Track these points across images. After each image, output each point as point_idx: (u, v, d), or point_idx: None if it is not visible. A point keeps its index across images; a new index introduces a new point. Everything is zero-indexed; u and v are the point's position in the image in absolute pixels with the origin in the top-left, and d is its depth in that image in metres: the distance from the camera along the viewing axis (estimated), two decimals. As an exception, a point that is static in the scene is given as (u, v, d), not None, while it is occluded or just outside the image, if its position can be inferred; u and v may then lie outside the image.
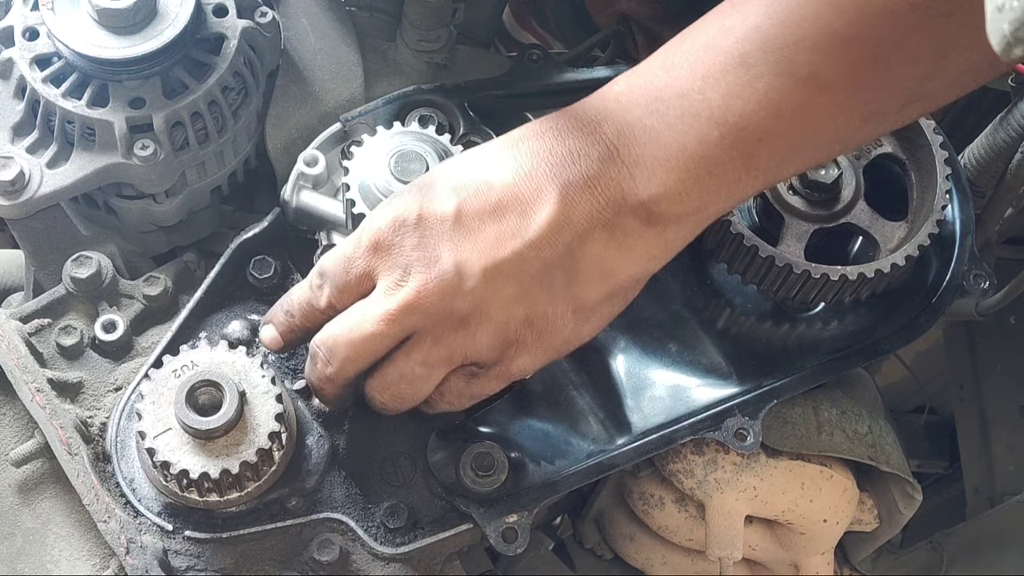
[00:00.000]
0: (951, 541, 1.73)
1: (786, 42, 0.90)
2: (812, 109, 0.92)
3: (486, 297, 0.99)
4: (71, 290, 1.18)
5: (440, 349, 1.02)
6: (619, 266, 1.00)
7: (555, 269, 0.98)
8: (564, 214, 0.97)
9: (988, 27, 0.65)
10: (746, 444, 1.18)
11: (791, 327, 1.26)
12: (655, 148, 0.95)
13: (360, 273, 1.02)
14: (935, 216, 1.20)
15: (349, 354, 1.03)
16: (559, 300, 1.00)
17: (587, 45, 1.50)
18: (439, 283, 0.98)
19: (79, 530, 1.10)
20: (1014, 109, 1.34)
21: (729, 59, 0.92)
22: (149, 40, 1.15)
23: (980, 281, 1.27)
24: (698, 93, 0.93)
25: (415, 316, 1.00)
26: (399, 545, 1.11)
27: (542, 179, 0.97)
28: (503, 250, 0.97)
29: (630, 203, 0.96)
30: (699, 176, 0.95)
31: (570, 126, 0.98)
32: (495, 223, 0.97)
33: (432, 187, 1.01)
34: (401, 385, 1.05)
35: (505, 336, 1.01)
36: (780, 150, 0.96)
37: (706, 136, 0.93)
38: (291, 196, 1.23)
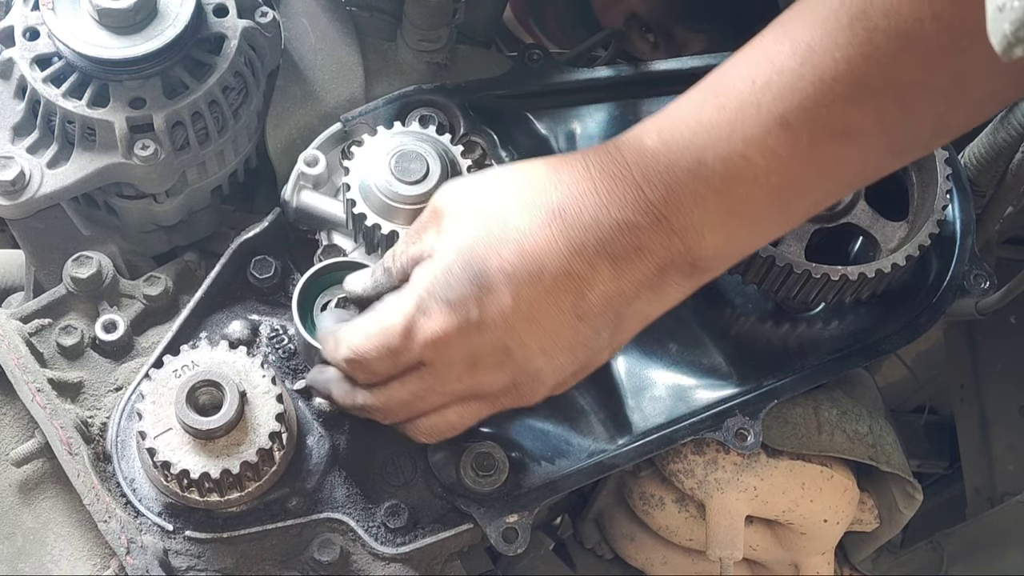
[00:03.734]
0: (951, 541, 1.73)
1: (824, 100, 0.89)
2: (847, 158, 0.94)
3: (544, 370, 1.02)
4: (71, 290, 1.18)
5: (494, 409, 1.07)
6: (656, 312, 1.04)
7: (603, 329, 1.01)
8: (616, 287, 0.99)
9: (989, 27, 0.65)
10: (746, 444, 1.18)
11: (791, 327, 1.26)
12: (702, 214, 0.96)
13: (410, 362, 1.03)
14: (935, 216, 1.20)
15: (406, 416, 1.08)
16: (603, 351, 1.04)
17: (587, 45, 1.50)
18: (503, 371, 1.02)
19: (79, 530, 1.10)
20: (1015, 108, 1.33)
21: (769, 119, 0.91)
22: (149, 40, 1.15)
23: (980, 281, 1.27)
24: (741, 157, 0.93)
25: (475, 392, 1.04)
26: (400, 545, 1.11)
27: (592, 256, 0.97)
28: (562, 332, 1.00)
29: (677, 264, 0.99)
30: (742, 233, 0.99)
31: (611, 191, 0.97)
32: (552, 305, 0.99)
33: (485, 276, 0.98)
34: (446, 431, 1.09)
35: (554, 388, 1.06)
36: (816, 197, 0.99)
37: (750, 197, 0.95)
38: (291, 196, 1.23)
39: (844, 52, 0.88)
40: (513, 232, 0.98)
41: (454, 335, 0.99)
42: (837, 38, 0.88)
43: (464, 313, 0.98)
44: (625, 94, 1.36)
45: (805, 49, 0.90)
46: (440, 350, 1.00)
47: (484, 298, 0.98)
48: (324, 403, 1.13)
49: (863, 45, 0.87)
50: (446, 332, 0.99)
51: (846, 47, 0.88)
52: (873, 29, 0.86)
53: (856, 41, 0.87)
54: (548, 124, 1.34)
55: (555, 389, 1.06)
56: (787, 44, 0.91)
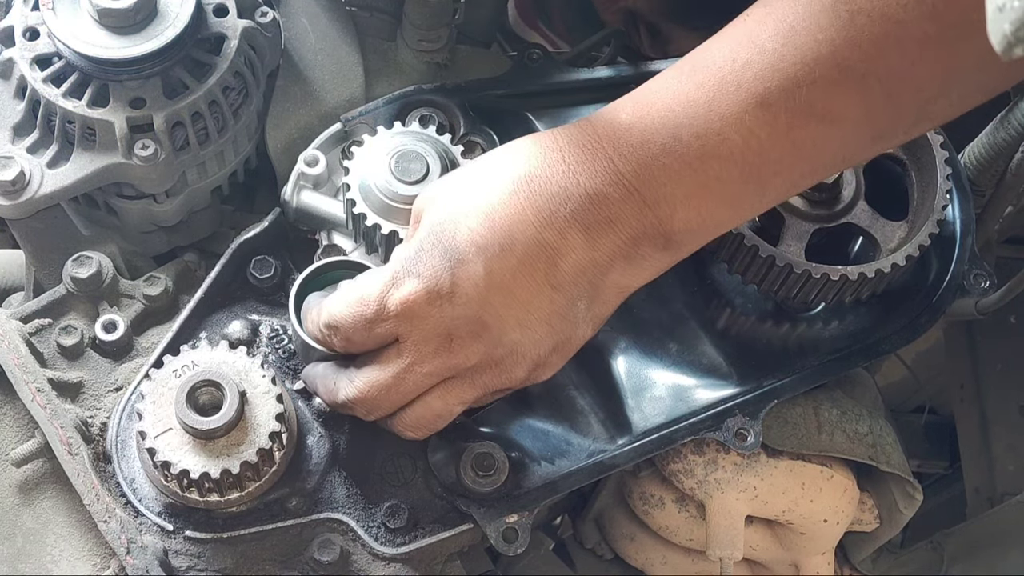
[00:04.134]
0: (951, 541, 1.73)
1: (805, 81, 0.89)
2: (826, 140, 0.93)
3: (521, 342, 1.02)
4: (71, 290, 1.18)
5: (475, 389, 1.05)
6: (633, 283, 1.03)
7: (579, 300, 1.01)
8: (588, 256, 0.98)
9: (988, 27, 0.65)
10: (746, 444, 1.18)
11: (791, 327, 1.26)
12: (675, 188, 0.96)
13: (385, 333, 1.03)
14: (935, 216, 1.20)
15: (389, 404, 1.07)
16: (581, 323, 1.04)
17: (587, 45, 1.50)
18: (480, 342, 1.01)
19: (79, 530, 1.10)
20: (1015, 108, 1.33)
21: (748, 98, 0.91)
22: (150, 40, 1.15)
23: (980, 281, 1.27)
24: (717, 135, 0.93)
25: (455, 371, 1.03)
26: (399, 545, 1.11)
27: (563, 225, 0.97)
28: (536, 302, 1.00)
29: (649, 236, 0.98)
30: (716, 208, 0.98)
31: (581, 160, 0.97)
32: (525, 276, 0.99)
33: (455, 248, 0.99)
34: (432, 420, 1.08)
35: (535, 365, 1.05)
36: (793, 178, 0.98)
37: (725, 175, 0.95)
38: (291, 196, 1.23)
39: (826, 34, 0.88)
40: (482, 205, 0.99)
41: (424, 304, 0.99)
42: (820, 20, 0.88)
43: (434, 283, 0.99)
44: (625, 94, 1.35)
45: (787, 30, 0.90)
46: (413, 321, 1.00)
47: (456, 270, 0.98)
48: (324, 403, 1.13)
49: (846, 28, 0.87)
50: (416, 301, 0.99)
51: (828, 29, 0.87)
52: (856, 12, 0.86)
53: (839, 23, 0.87)
54: (548, 124, 1.33)
55: (537, 366, 1.05)
56: (770, 24, 0.91)
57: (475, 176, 1.03)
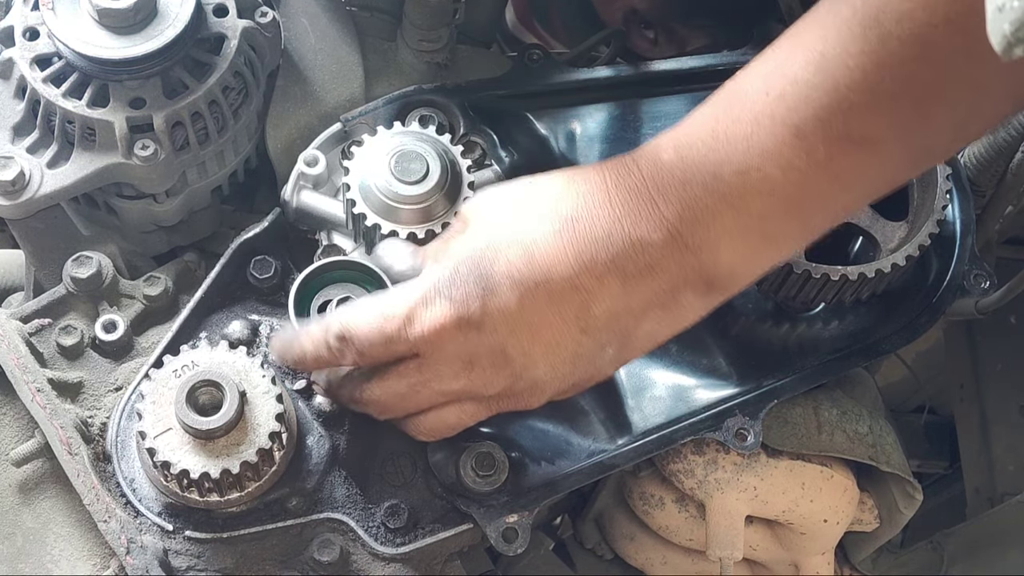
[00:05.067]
0: (951, 541, 1.73)
1: (839, 108, 0.88)
2: (865, 168, 0.92)
3: (543, 379, 1.02)
4: (71, 290, 1.18)
5: (490, 411, 1.06)
6: (667, 333, 1.02)
7: (608, 347, 1.01)
8: (624, 304, 0.98)
9: (988, 27, 0.65)
10: (746, 444, 1.18)
11: (791, 327, 1.26)
12: (718, 231, 0.94)
13: (402, 353, 1.02)
14: (935, 216, 1.20)
15: (403, 411, 1.07)
16: (607, 367, 1.04)
17: (587, 45, 1.50)
18: (501, 375, 1.01)
19: (79, 530, 1.10)
20: (1015, 109, 1.34)
21: (784, 131, 0.90)
22: (149, 40, 1.15)
23: (980, 281, 1.27)
24: (757, 171, 0.92)
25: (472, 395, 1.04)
26: (399, 545, 1.11)
27: (602, 270, 0.96)
28: (565, 343, 0.99)
29: (691, 283, 0.97)
30: (760, 248, 0.97)
31: (626, 204, 0.96)
32: (555, 315, 0.98)
33: (490, 278, 0.98)
34: (444, 432, 1.08)
35: (553, 397, 1.06)
36: (835, 210, 0.97)
37: (768, 212, 0.94)
38: (291, 196, 1.23)
39: (857, 60, 0.87)
40: (524, 238, 0.99)
41: (452, 329, 0.99)
42: (850, 46, 0.87)
43: (465, 309, 0.98)
44: (625, 94, 1.36)
45: (818, 58, 0.89)
46: (436, 343, 1.00)
47: (487, 299, 0.98)
48: (324, 403, 1.13)
49: (876, 52, 0.86)
50: (444, 325, 0.99)
51: (859, 55, 0.86)
52: (887, 36, 0.85)
53: (869, 48, 0.86)
54: (548, 124, 1.34)
55: (555, 397, 1.06)
56: (800, 54, 0.90)
57: (523, 205, 1.02)
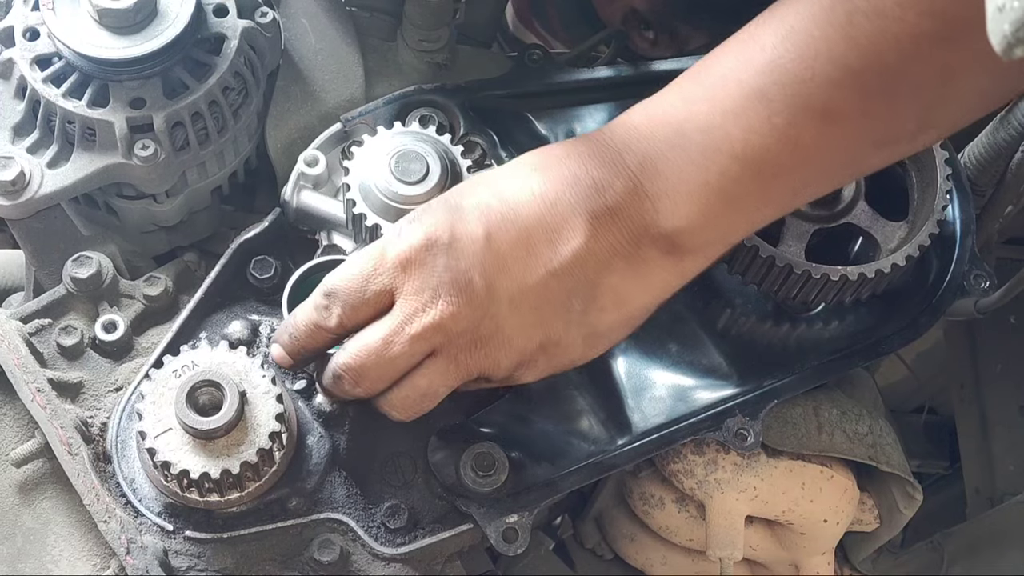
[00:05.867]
0: (951, 541, 1.73)
1: (803, 76, 0.91)
2: (827, 141, 0.94)
3: (510, 322, 1.01)
4: (71, 290, 1.18)
5: (459, 369, 1.04)
6: (635, 295, 1.03)
7: (574, 296, 1.01)
8: (589, 246, 0.99)
9: (988, 27, 0.65)
10: (746, 444, 1.18)
11: (791, 327, 1.26)
12: (677, 182, 0.97)
13: (380, 289, 1.03)
14: (935, 216, 1.20)
15: (378, 375, 1.05)
16: (573, 327, 1.03)
17: (587, 45, 1.50)
18: (469, 306, 1.00)
19: (80, 530, 1.10)
20: (1015, 108, 1.33)
21: (749, 93, 0.93)
22: (150, 40, 1.15)
23: (980, 281, 1.27)
24: (719, 128, 0.94)
25: (441, 336, 1.02)
26: (400, 545, 1.11)
27: (567, 209, 0.99)
28: (529, 279, 1.00)
29: (652, 235, 0.99)
30: (719, 209, 0.98)
31: (592, 153, 1.00)
32: (523, 251, 0.99)
33: (461, 209, 1.01)
34: (415, 399, 1.07)
35: (521, 358, 1.04)
36: (796, 182, 0.98)
37: (727, 171, 0.95)
38: (292, 196, 1.23)
39: (824, 32, 0.89)
40: (493, 181, 1.03)
41: (422, 251, 1.00)
42: (819, 19, 0.90)
43: (434, 231, 1.00)
44: (625, 94, 1.35)
45: (787, 30, 0.92)
46: (408, 270, 1.00)
47: (456, 224, 1.00)
48: (324, 403, 1.13)
49: (844, 27, 0.88)
50: (413, 247, 1.00)
51: (826, 27, 0.89)
52: (854, 11, 0.88)
53: (836, 22, 0.89)
54: (548, 124, 1.34)
55: (522, 363, 1.04)
56: (771, 25, 0.94)
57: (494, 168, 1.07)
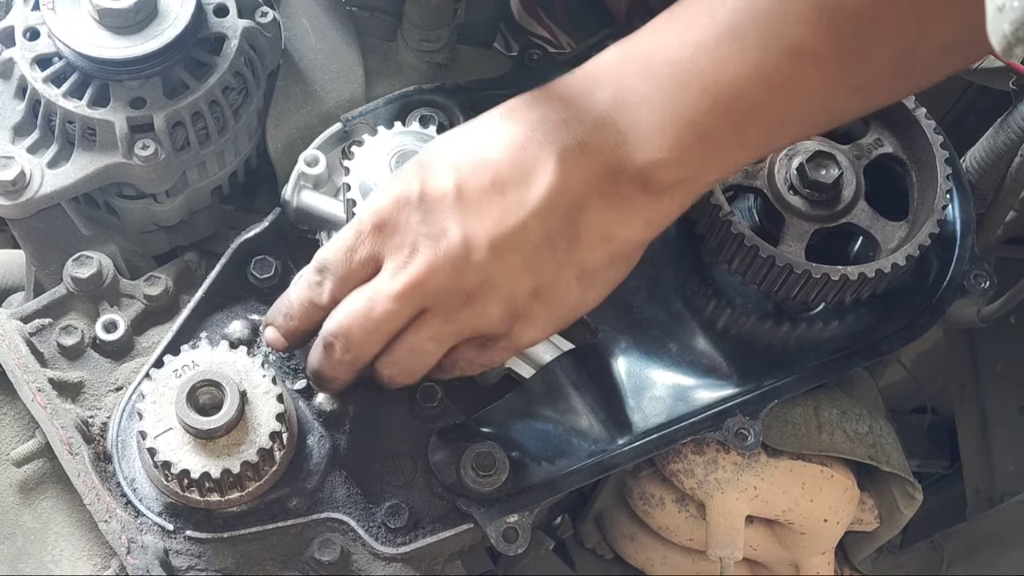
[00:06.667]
0: (951, 541, 1.73)
1: (774, 12, 0.91)
2: (799, 79, 0.93)
3: (493, 270, 0.99)
4: (72, 290, 1.18)
5: (450, 324, 1.03)
6: (618, 230, 1.01)
7: (557, 236, 0.99)
8: (562, 181, 0.97)
9: (988, 27, 0.65)
10: (747, 444, 1.18)
11: (791, 327, 1.26)
12: (648, 115, 0.96)
13: (364, 257, 1.02)
14: (936, 216, 1.20)
15: (365, 338, 1.03)
16: (563, 267, 1.01)
17: (588, 45, 1.50)
18: (447, 257, 0.99)
19: (80, 530, 1.10)
20: (1014, 111, 1.33)
21: (720, 29, 0.93)
22: (150, 40, 1.15)
23: (980, 281, 1.27)
24: (689, 62, 0.94)
25: (426, 292, 1.00)
26: (400, 545, 1.11)
27: (538, 148, 0.98)
28: (507, 222, 0.98)
29: (626, 169, 0.97)
30: (691, 144, 0.97)
31: (561, 94, 1.00)
32: (497, 195, 0.98)
33: (430, 164, 1.01)
34: (411, 360, 1.05)
35: (513, 308, 1.02)
36: (769, 121, 0.97)
37: (698, 104, 0.95)
38: (292, 196, 1.23)
39: None
40: (462, 132, 1.03)
41: (393, 211, 1.00)
42: None
43: (404, 189, 1.00)
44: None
45: None
46: (384, 231, 1.00)
47: (426, 181, 1.00)
48: (325, 403, 1.13)
49: None
50: (385, 208, 1.00)
51: None
52: None
53: None
54: (548, 124, 1.33)
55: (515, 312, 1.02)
56: None
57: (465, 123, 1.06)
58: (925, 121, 1.24)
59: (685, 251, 1.28)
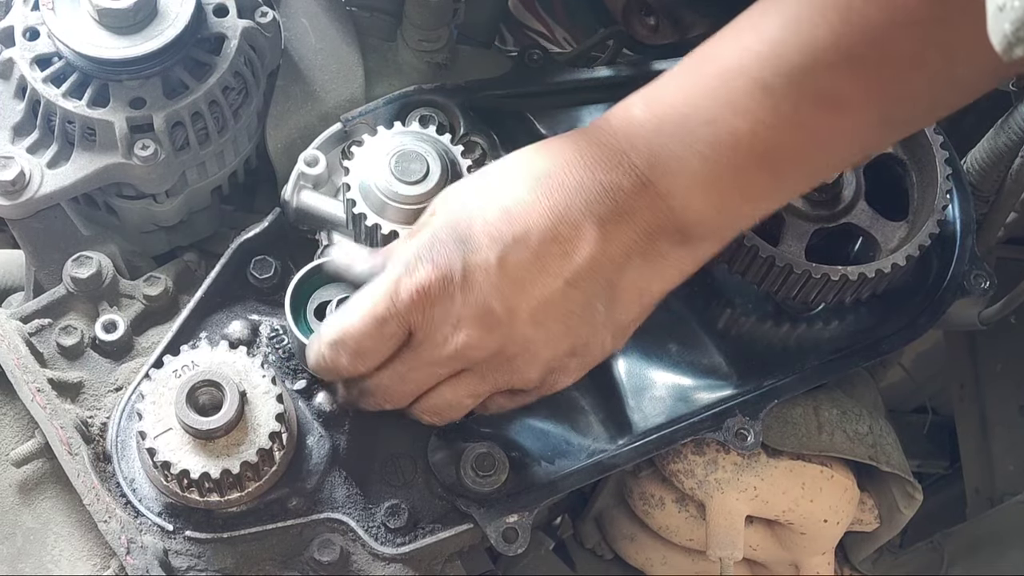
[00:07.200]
0: (951, 541, 1.73)
1: (805, 65, 0.90)
2: (833, 128, 0.94)
3: (535, 339, 1.01)
4: (71, 290, 1.18)
5: (488, 384, 1.05)
6: (653, 285, 1.03)
7: (596, 300, 1.01)
8: (603, 250, 0.98)
9: (989, 27, 0.65)
10: (747, 444, 1.18)
11: (791, 327, 1.26)
12: (688, 177, 0.96)
13: (396, 334, 1.02)
14: (936, 216, 1.20)
15: (405, 397, 1.07)
16: (600, 328, 1.03)
17: (588, 45, 1.50)
18: (490, 334, 1.00)
19: (80, 530, 1.10)
20: (1014, 112, 1.33)
21: (752, 84, 0.92)
22: (150, 40, 1.15)
23: (980, 281, 1.27)
24: (726, 123, 0.94)
25: (466, 363, 1.03)
26: (400, 545, 1.11)
27: (578, 218, 0.98)
28: (549, 292, 0.99)
29: (666, 231, 0.98)
30: (731, 198, 0.98)
31: (597, 156, 0.99)
32: (539, 269, 0.99)
33: (470, 239, 1.00)
34: (447, 412, 1.08)
35: (551, 367, 1.05)
36: (806, 169, 0.98)
37: (737, 164, 0.95)
38: (292, 196, 1.23)
39: (829, 21, 0.89)
40: (499, 198, 1.01)
41: (437, 290, 0.99)
42: (824, 7, 0.89)
43: (447, 268, 0.99)
44: (625, 94, 1.34)
45: (791, 19, 0.91)
46: (425, 310, 1.00)
47: (468, 256, 0.99)
48: (324, 403, 1.13)
49: (849, 13, 0.88)
50: (428, 286, 0.99)
51: (832, 16, 0.89)
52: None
53: (839, 9, 0.88)
54: (548, 124, 1.33)
55: (553, 370, 1.05)
56: (772, 15, 0.93)
57: (494, 175, 1.04)
58: (925, 121, 1.24)
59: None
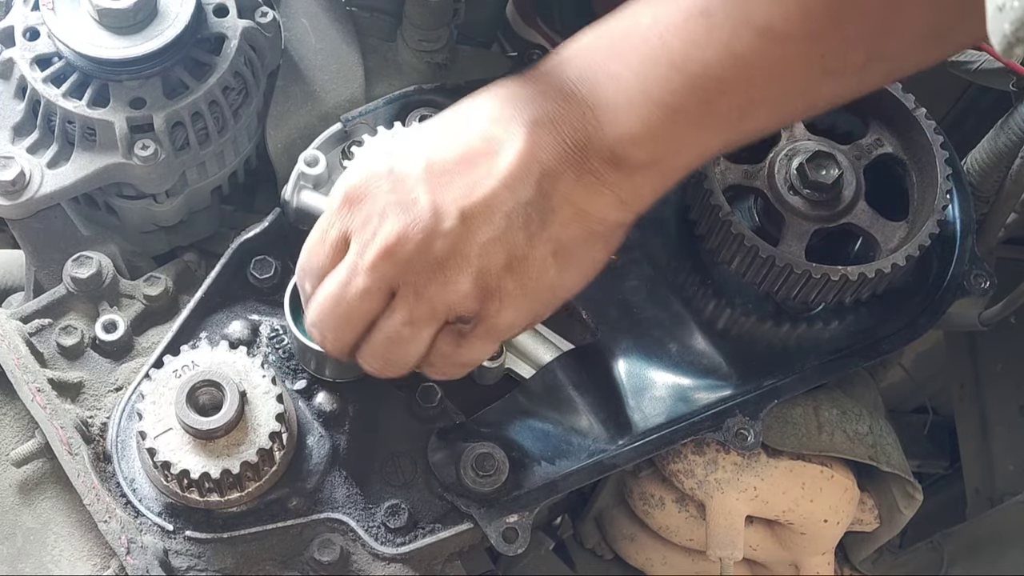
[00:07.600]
0: (951, 541, 1.73)
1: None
2: (770, 60, 0.93)
3: (464, 239, 0.97)
4: (71, 290, 1.18)
5: (422, 303, 1.00)
6: (591, 206, 0.99)
7: (529, 208, 0.98)
8: (532, 152, 0.97)
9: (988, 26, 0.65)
10: (747, 444, 1.18)
11: (792, 327, 1.26)
12: (617, 91, 0.96)
13: (337, 237, 1.01)
14: (936, 216, 1.20)
15: (341, 324, 1.02)
16: (536, 241, 0.99)
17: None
18: (416, 225, 0.97)
19: (80, 530, 1.10)
20: (1014, 113, 1.33)
21: (691, 8, 0.93)
22: (150, 40, 1.15)
23: (980, 281, 1.27)
24: (659, 39, 0.94)
25: (394, 263, 0.98)
26: (400, 545, 1.11)
27: (507, 119, 0.98)
28: (477, 191, 0.97)
29: (595, 145, 0.97)
30: (661, 122, 0.96)
31: (532, 73, 1.00)
32: (467, 166, 0.98)
33: (404, 145, 1.01)
34: (390, 349, 1.03)
35: (486, 282, 0.99)
36: (740, 101, 0.96)
37: (668, 82, 0.94)
38: (292, 196, 1.23)
39: None
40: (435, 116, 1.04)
41: (364, 187, 0.99)
42: None
43: (374, 166, 1.00)
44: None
45: None
46: (353, 207, 1.00)
47: (394, 152, 1.00)
48: (324, 403, 1.14)
49: None
50: (357, 185, 0.99)
51: None
52: None
53: None
54: (548, 124, 1.33)
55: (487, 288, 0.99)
56: None
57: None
58: (925, 121, 1.24)
59: (685, 251, 1.28)
